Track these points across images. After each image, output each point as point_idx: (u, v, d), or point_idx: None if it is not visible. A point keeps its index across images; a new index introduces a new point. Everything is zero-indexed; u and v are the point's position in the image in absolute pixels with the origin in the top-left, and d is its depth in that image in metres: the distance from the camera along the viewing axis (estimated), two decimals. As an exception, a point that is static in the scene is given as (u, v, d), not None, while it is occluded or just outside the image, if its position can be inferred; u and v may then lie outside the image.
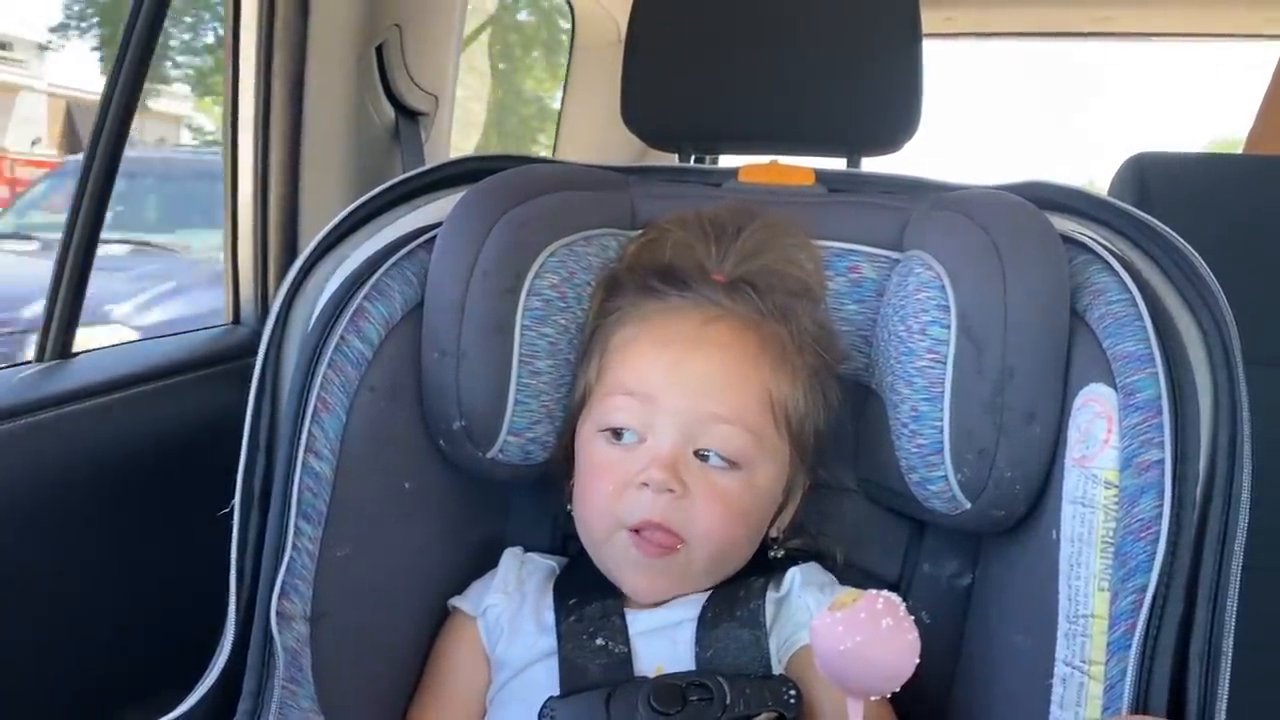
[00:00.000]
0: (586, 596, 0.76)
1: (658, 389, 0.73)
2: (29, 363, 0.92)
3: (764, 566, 0.77)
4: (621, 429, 0.74)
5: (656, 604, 0.75)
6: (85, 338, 0.97)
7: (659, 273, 0.78)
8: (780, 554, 0.79)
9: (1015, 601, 0.72)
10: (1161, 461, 0.62)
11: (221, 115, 1.15)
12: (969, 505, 0.71)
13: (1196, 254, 0.68)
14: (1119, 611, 0.61)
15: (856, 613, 0.54)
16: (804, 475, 0.79)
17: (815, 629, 0.55)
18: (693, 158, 0.99)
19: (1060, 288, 0.68)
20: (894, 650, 0.54)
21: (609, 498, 0.73)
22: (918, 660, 0.54)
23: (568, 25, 1.99)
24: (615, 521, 0.72)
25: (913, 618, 0.54)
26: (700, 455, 0.72)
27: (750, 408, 0.74)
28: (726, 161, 1.09)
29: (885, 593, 0.55)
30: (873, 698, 0.56)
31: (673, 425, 0.72)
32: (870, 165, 0.96)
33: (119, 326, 3.18)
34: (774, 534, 0.79)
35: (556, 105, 2.05)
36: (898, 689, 0.55)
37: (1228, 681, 0.59)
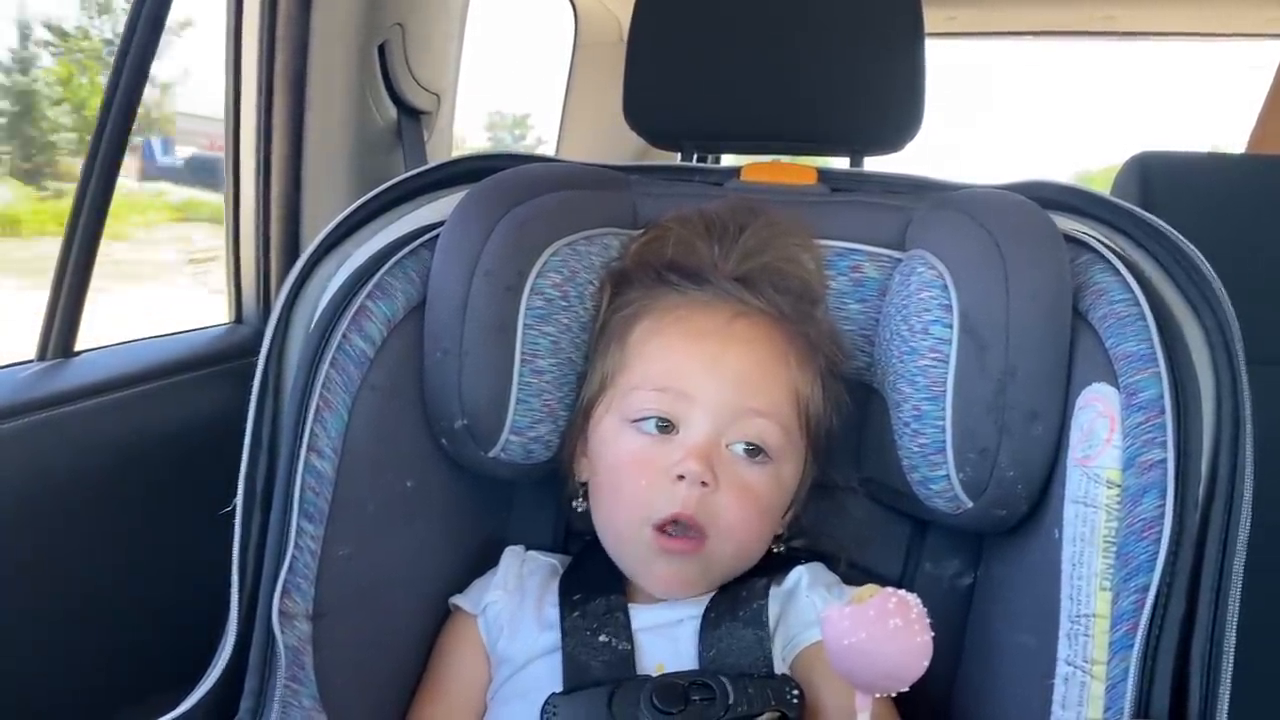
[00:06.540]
0: (591, 592, 0.76)
1: (692, 383, 0.73)
2: (30, 361, 0.92)
3: (767, 565, 0.77)
4: (654, 419, 0.73)
5: (661, 600, 0.75)
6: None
7: (669, 267, 0.78)
8: (782, 549, 0.80)
9: (1017, 601, 0.72)
10: (1164, 461, 0.62)
11: (224, 114, 1.15)
12: (971, 504, 0.71)
13: (1199, 254, 0.68)
14: (1121, 611, 0.61)
15: (866, 609, 0.54)
16: (812, 474, 0.79)
17: (825, 618, 0.55)
18: (695, 156, 0.99)
19: (1063, 287, 0.68)
20: (899, 651, 0.54)
21: (641, 491, 0.72)
22: (926, 664, 0.54)
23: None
24: (644, 515, 0.72)
25: (928, 620, 0.54)
26: (731, 449, 0.73)
27: (783, 403, 0.74)
28: (728, 160, 1.08)
29: (902, 593, 0.55)
30: (877, 695, 0.56)
31: (708, 418, 0.72)
32: (873, 164, 0.96)
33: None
34: (779, 530, 0.79)
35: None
36: (904, 689, 0.55)
37: (1230, 680, 0.59)
